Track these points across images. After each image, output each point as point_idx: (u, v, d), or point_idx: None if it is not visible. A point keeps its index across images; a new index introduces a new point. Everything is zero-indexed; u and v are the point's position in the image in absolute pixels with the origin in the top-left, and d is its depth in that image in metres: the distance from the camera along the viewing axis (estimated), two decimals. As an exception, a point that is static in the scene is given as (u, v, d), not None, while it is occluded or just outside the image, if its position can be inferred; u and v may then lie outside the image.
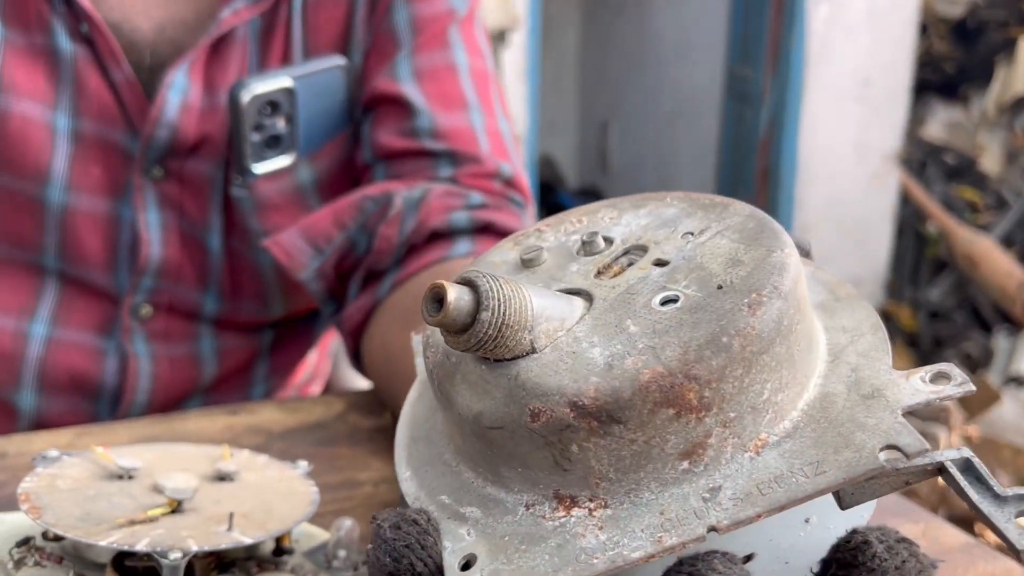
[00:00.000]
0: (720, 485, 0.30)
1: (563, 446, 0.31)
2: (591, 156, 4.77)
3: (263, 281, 0.80)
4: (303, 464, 0.51)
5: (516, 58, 3.12)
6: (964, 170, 3.31)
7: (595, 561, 0.29)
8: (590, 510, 0.31)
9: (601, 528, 0.30)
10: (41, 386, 0.76)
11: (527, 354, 0.32)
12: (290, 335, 0.86)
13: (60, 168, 0.72)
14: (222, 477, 0.48)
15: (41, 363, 0.75)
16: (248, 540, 0.42)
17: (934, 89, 3.39)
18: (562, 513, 0.31)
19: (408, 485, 0.36)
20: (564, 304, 0.33)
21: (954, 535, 0.57)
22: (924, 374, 0.32)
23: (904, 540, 0.31)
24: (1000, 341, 2.95)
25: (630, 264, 0.35)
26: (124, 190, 0.74)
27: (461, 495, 0.34)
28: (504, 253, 0.39)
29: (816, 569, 0.32)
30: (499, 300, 0.31)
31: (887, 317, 3.21)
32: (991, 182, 3.23)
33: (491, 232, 0.72)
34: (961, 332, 3.14)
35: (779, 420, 0.31)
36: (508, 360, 0.32)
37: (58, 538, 0.44)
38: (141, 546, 0.40)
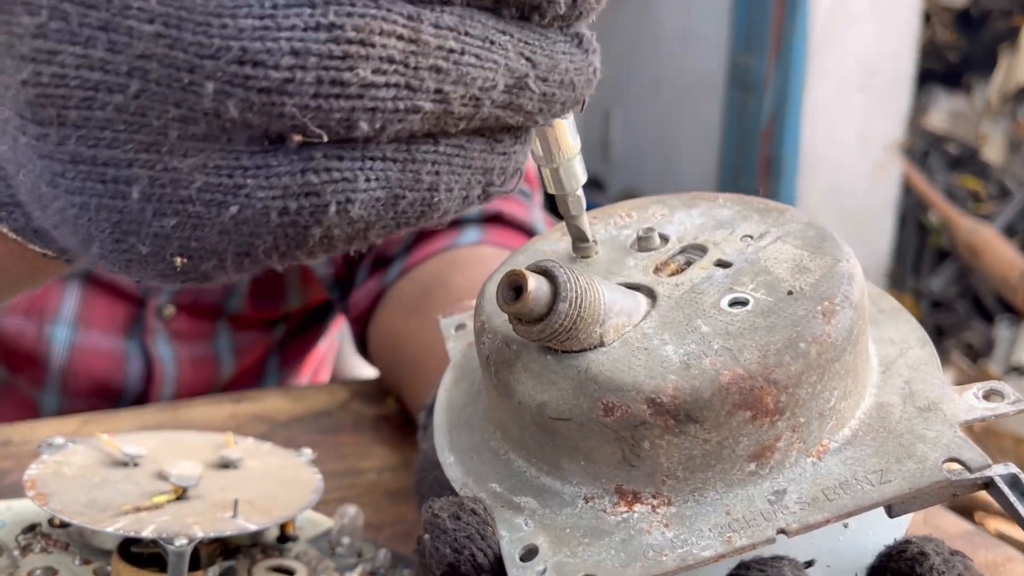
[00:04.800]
0: (785, 488, 0.30)
1: (635, 442, 0.30)
2: (593, 144, 4.77)
3: (284, 273, 0.80)
4: (307, 452, 0.51)
5: (518, 46, 3.11)
6: (967, 160, 3.30)
7: (664, 558, 0.29)
8: (653, 507, 0.31)
9: (667, 525, 0.30)
10: (64, 391, 0.76)
11: (595, 347, 0.31)
12: (301, 327, 0.86)
13: None
14: (226, 465, 0.48)
15: (64, 370, 0.75)
16: (253, 527, 0.42)
17: (937, 78, 3.38)
18: (624, 508, 0.31)
19: (454, 471, 0.35)
20: (630, 299, 0.33)
21: (955, 523, 0.57)
22: (977, 390, 0.32)
23: (958, 553, 0.31)
24: (1002, 331, 2.95)
25: (688, 263, 0.35)
26: None
27: (513, 484, 0.33)
28: (553, 243, 0.39)
29: (862, 575, 0.32)
30: (576, 292, 0.30)
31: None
32: (994, 172, 3.22)
33: (499, 221, 0.71)
34: (963, 322, 3.13)
35: (840, 427, 0.32)
36: (576, 352, 0.31)
37: (64, 525, 0.44)
38: (147, 533, 0.40)
